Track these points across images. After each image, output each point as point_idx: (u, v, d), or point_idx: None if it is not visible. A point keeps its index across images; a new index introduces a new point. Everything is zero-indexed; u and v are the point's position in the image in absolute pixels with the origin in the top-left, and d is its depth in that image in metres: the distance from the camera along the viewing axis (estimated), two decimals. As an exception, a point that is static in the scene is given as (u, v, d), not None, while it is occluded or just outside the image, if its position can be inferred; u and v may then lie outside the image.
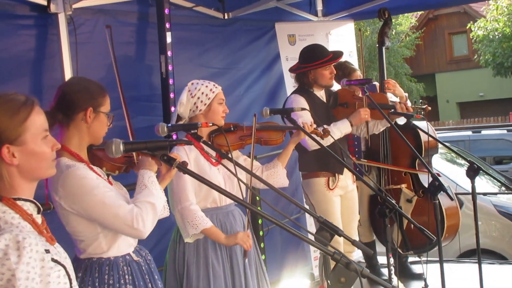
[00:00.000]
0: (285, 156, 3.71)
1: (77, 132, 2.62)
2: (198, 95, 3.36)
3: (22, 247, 1.68)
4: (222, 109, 3.42)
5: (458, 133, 11.56)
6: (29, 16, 3.65)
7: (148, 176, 2.59)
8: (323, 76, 4.37)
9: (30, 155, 1.83)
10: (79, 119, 2.60)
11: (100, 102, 2.64)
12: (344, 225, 4.37)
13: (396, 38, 23.45)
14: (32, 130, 1.83)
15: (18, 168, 1.83)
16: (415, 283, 5.35)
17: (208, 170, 3.32)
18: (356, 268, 1.90)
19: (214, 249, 3.32)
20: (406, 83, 23.85)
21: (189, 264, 3.29)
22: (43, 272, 1.72)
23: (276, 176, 3.64)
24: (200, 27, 4.93)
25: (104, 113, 2.65)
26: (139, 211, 2.48)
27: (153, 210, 2.53)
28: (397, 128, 4.12)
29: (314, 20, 6.12)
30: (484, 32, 20.82)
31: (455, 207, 5.18)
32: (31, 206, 1.87)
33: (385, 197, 3.20)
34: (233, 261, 3.36)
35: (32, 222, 1.83)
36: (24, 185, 1.86)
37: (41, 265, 1.72)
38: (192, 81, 3.45)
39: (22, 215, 1.81)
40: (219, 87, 3.44)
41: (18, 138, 1.81)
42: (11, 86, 3.38)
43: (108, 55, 4.07)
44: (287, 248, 5.59)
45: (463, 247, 6.40)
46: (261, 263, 3.57)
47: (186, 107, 3.37)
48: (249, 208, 2.15)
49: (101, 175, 2.64)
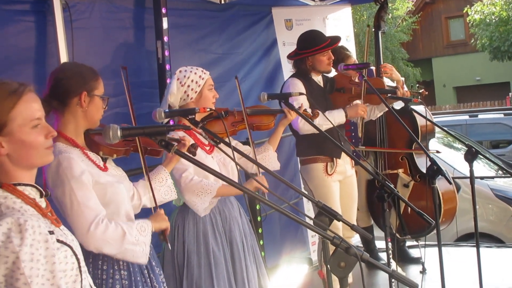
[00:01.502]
0: (276, 139, 3.71)
1: (72, 118, 2.62)
2: (188, 83, 3.33)
3: (24, 230, 1.70)
4: (212, 94, 3.41)
5: (455, 117, 11.58)
6: (26, 2, 3.62)
7: (144, 225, 2.60)
8: (321, 62, 4.35)
9: (18, 145, 1.83)
10: (74, 104, 2.60)
11: (93, 85, 2.64)
12: (343, 211, 4.37)
13: (392, 23, 23.39)
14: (19, 120, 1.82)
15: (8, 157, 1.83)
16: (413, 267, 5.39)
17: (203, 158, 3.30)
18: (356, 253, 1.90)
19: (214, 236, 3.31)
20: (403, 67, 23.82)
21: (190, 252, 3.26)
22: (48, 253, 1.73)
23: (268, 159, 3.64)
24: (197, 12, 4.89)
25: (99, 96, 2.65)
26: (107, 222, 2.47)
27: (121, 237, 2.48)
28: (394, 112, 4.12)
29: (311, 5, 6.08)
30: (480, 16, 20.75)
31: (452, 191, 5.20)
32: (32, 190, 1.87)
33: (383, 182, 3.20)
34: (233, 247, 3.36)
35: (34, 205, 1.84)
36: (20, 172, 1.86)
37: (45, 246, 1.73)
38: (180, 68, 3.42)
39: (24, 199, 1.82)
40: (207, 73, 3.42)
41: (4, 127, 1.81)
42: (10, 74, 3.38)
43: (105, 40, 4.06)
44: (285, 233, 5.60)
45: (460, 231, 6.43)
46: (259, 249, 3.57)
47: (177, 96, 3.34)
48: (247, 193, 2.14)
49: (96, 160, 2.64)
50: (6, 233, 1.68)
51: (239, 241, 3.38)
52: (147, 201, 2.90)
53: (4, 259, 1.67)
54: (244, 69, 5.34)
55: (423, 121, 5.06)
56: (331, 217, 2.24)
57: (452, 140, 7.74)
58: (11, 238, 1.68)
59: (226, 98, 4.56)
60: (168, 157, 2.99)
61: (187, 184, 3.20)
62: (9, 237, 1.68)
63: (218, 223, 3.34)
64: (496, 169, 7.35)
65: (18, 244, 1.68)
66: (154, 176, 2.92)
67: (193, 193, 3.20)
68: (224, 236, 3.34)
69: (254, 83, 5.43)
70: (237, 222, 3.41)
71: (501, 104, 20.47)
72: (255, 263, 3.47)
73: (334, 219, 2.25)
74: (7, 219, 1.71)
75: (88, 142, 2.68)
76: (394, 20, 23.77)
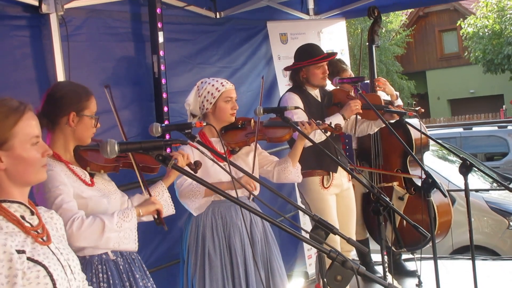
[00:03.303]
0: (294, 154, 3.81)
1: (62, 135, 2.72)
2: (204, 94, 3.46)
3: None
4: (230, 106, 3.47)
5: (449, 130, 11.59)
6: (21, 17, 3.63)
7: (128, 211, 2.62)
8: (315, 75, 4.37)
9: (17, 160, 1.86)
10: (63, 123, 2.69)
11: (83, 105, 2.71)
12: (341, 224, 4.37)
13: (386, 36, 23.53)
14: (20, 136, 1.86)
15: (6, 173, 1.85)
16: (409, 280, 5.37)
17: (209, 166, 3.37)
18: (352, 266, 1.91)
19: (212, 240, 3.43)
20: (397, 80, 23.94)
21: (189, 252, 3.45)
22: (10, 272, 1.73)
23: (287, 171, 3.76)
24: (192, 27, 4.91)
25: (88, 116, 2.71)
26: (83, 219, 2.49)
27: (99, 227, 2.50)
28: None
29: (305, 19, 6.12)
30: (474, 29, 20.88)
31: (447, 204, 5.20)
32: (20, 207, 1.88)
33: (379, 195, 3.21)
34: (232, 253, 3.44)
35: (17, 222, 1.84)
36: (13, 189, 1.88)
37: (8, 266, 1.73)
38: (202, 79, 3.55)
39: (5, 216, 1.83)
40: (227, 85, 3.50)
41: (6, 143, 1.84)
42: (4, 88, 3.39)
43: (102, 55, 4.07)
44: (281, 247, 5.57)
45: (456, 243, 6.42)
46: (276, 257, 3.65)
47: (195, 105, 3.49)
48: (242, 206, 2.14)
49: (81, 175, 2.69)
50: None
51: (239, 247, 3.45)
52: None
53: None
54: (245, 83, 5.35)
55: (417, 134, 5.07)
56: (327, 230, 2.24)
57: (447, 153, 7.75)
58: None
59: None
60: (167, 171, 3.05)
61: (180, 189, 3.39)
62: None
63: (219, 227, 3.46)
64: (491, 181, 7.36)
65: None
66: (152, 191, 2.92)
67: (185, 197, 3.39)
68: (223, 241, 3.44)
69: (255, 97, 5.43)
70: (238, 229, 3.48)
71: (495, 116, 20.57)
72: (266, 271, 3.55)
73: (331, 233, 2.26)
74: None
75: (77, 158, 2.75)
76: (388, 34, 23.91)
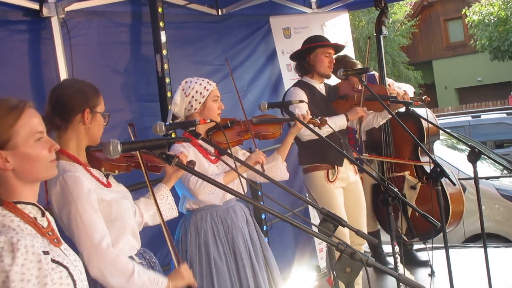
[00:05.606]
0: (285, 149, 3.70)
1: (75, 135, 2.60)
2: (192, 94, 3.34)
3: (17, 249, 1.69)
4: (217, 105, 3.41)
5: (458, 118, 11.55)
6: (22, 21, 3.63)
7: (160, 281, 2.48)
8: (322, 62, 4.34)
9: (23, 158, 1.83)
10: (77, 122, 2.59)
11: (95, 102, 2.63)
12: (350, 217, 4.33)
13: (391, 27, 23.41)
14: (22, 134, 1.83)
15: (14, 172, 1.83)
16: (421, 270, 5.36)
17: (207, 167, 3.30)
18: (361, 258, 1.89)
19: (215, 246, 3.31)
20: (404, 71, 23.84)
21: (192, 262, 3.28)
22: (40, 273, 1.72)
23: (276, 169, 3.63)
24: (194, 25, 4.91)
25: (100, 113, 2.64)
26: (114, 251, 2.42)
27: (130, 271, 2.41)
28: (397, 116, 4.10)
29: (308, 12, 6.09)
30: (479, 17, 20.76)
31: (459, 193, 5.17)
32: (33, 209, 1.86)
33: (387, 186, 3.18)
34: (237, 256, 3.34)
35: (33, 224, 1.83)
36: (24, 188, 1.86)
37: (38, 267, 1.72)
38: (186, 79, 3.42)
39: (23, 218, 1.81)
40: (213, 84, 3.42)
41: (9, 142, 1.81)
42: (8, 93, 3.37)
43: (103, 56, 4.07)
44: (292, 241, 5.58)
45: (467, 232, 6.41)
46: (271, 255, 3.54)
47: (181, 106, 3.36)
48: (251, 202, 2.13)
49: (99, 177, 2.62)
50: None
51: (243, 249, 3.37)
52: (149, 218, 2.86)
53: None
54: (246, 79, 5.33)
55: (427, 124, 5.04)
56: (335, 223, 2.23)
57: (456, 141, 7.71)
58: (2, 257, 1.67)
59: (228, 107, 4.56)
60: (167, 174, 2.94)
61: (197, 186, 3.20)
62: (1, 256, 1.67)
63: (220, 232, 3.34)
64: (501, 169, 7.32)
65: (9, 263, 1.67)
66: (155, 193, 2.85)
67: (203, 192, 3.20)
68: (226, 245, 3.33)
69: (260, 92, 5.42)
70: (240, 231, 3.40)
71: (503, 103, 20.41)
72: (266, 270, 3.45)
73: (339, 225, 2.24)
74: (0, 238, 1.70)
75: (90, 159, 2.67)
76: (393, 24, 23.79)
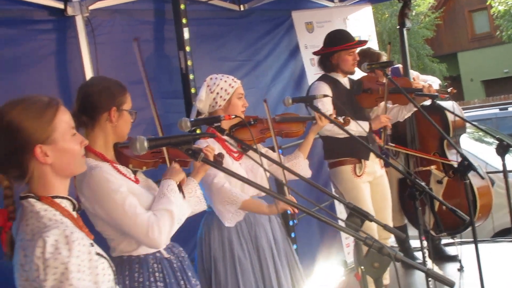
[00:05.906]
0: (306, 146, 3.68)
1: (102, 133, 2.63)
2: (217, 91, 3.34)
3: (71, 241, 1.72)
4: (241, 103, 3.41)
5: (485, 111, 11.37)
6: (48, 21, 3.67)
7: (168, 184, 2.58)
8: (346, 61, 4.34)
9: (61, 153, 1.88)
10: (104, 120, 2.62)
11: (122, 100, 2.65)
12: (376, 211, 4.32)
13: (415, 19, 23.19)
14: (60, 129, 1.88)
15: (51, 167, 1.87)
16: (450, 265, 5.30)
17: (230, 164, 3.29)
18: (389, 253, 1.87)
19: (239, 243, 3.30)
20: (429, 64, 23.60)
21: (216, 260, 3.27)
22: (91, 264, 1.77)
23: (298, 167, 3.61)
24: (217, 21, 4.91)
25: (127, 110, 2.67)
26: (155, 220, 2.46)
27: (170, 218, 2.50)
28: (423, 109, 4.06)
29: (330, 6, 6.05)
30: (505, 7, 20.47)
31: (487, 186, 5.10)
32: (67, 203, 1.91)
33: (414, 180, 3.14)
34: (260, 254, 3.33)
35: (72, 218, 1.88)
36: (58, 183, 1.90)
37: (89, 258, 1.77)
38: (211, 76, 3.43)
39: (62, 212, 1.86)
40: (238, 81, 3.42)
41: (49, 137, 1.86)
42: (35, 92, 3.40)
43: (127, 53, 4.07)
44: (319, 236, 5.56)
45: (497, 226, 6.31)
46: (293, 252, 3.54)
47: (206, 102, 3.36)
48: (276, 197, 2.12)
49: (126, 174, 2.64)
50: (54, 245, 1.70)
51: (267, 247, 3.36)
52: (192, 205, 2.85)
53: (53, 270, 1.69)
54: (269, 74, 5.33)
55: (453, 117, 4.98)
56: (362, 217, 2.21)
57: (483, 134, 7.61)
58: (59, 250, 1.70)
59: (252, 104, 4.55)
60: (195, 167, 2.92)
61: (218, 189, 3.20)
62: (58, 248, 1.70)
63: (244, 229, 3.33)
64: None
65: (67, 255, 1.70)
66: (183, 186, 2.89)
67: (221, 201, 3.20)
68: (250, 243, 3.33)
69: (283, 88, 5.40)
70: (263, 228, 3.39)
71: (531, 95, 20.10)
72: (288, 267, 3.44)
73: (366, 220, 2.22)
74: (54, 231, 1.73)
75: (117, 156, 2.69)
76: (417, 17, 23.57)
